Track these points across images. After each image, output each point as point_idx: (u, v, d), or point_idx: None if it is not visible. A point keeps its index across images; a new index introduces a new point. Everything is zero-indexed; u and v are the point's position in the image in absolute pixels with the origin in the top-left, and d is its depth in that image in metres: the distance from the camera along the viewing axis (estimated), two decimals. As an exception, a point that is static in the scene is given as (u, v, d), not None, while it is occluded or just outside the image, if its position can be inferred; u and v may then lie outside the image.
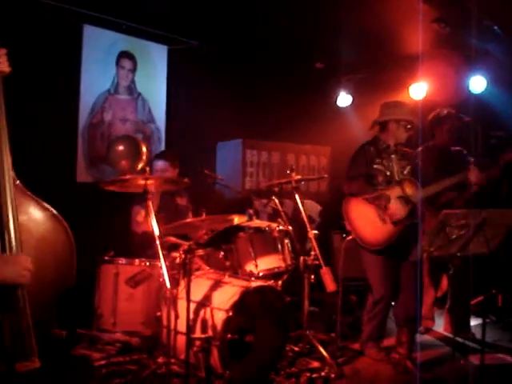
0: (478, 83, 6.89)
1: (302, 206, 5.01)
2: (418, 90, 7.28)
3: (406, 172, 4.88)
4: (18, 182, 2.56)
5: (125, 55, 6.44)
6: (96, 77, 6.17)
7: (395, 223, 4.63)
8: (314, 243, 4.80)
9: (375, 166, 4.84)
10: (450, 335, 5.36)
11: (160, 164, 5.22)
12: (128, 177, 4.26)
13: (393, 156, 4.90)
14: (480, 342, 3.95)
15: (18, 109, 5.22)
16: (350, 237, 5.03)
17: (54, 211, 2.61)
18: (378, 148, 4.90)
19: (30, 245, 2.47)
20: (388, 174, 4.83)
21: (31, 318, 2.33)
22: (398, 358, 4.74)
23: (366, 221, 4.82)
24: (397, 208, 4.65)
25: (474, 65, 6.59)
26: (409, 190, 4.72)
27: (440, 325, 5.76)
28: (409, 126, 4.88)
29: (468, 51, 6.26)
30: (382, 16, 5.95)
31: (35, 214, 2.58)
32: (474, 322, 5.55)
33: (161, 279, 4.16)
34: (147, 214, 4.01)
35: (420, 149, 5.41)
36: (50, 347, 2.63)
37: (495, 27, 5.88)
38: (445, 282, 5.86)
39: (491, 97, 6.77)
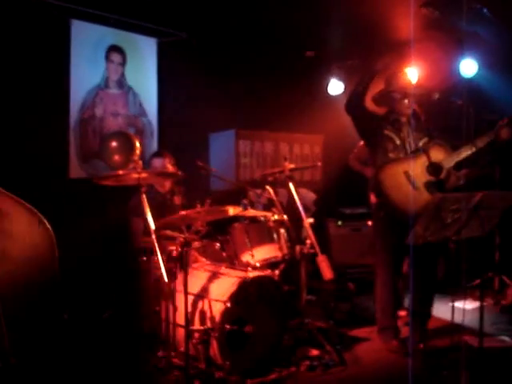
0: (469, 67, 6.88)
1: (297, 194, 5.01)
2: (410, 76, 7.26)
3: (421, 143, 4.76)
4: None
5: (114, 49, 6.41)
6: (86, 72, 6.14)
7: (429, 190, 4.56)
8: (310, 232, 4.81)
9: (386, 132, 4.75)
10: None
11: (158, 162, 5.20)
12: (122, 172, 4.26)
13: (404, 127, 4.80)
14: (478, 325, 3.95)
15: (8, 106, 5.23)
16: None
17: (34, 209, 2.59)
18: (389, 118, 4.84)
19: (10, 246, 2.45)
20: (398, 142, 4.74)
21: (12, 317, 2.30)
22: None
23: (399, 189, 4.60)
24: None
25: (464, 48, 6.58)
26: (439, 155, 4.64)
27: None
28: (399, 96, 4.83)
29: (458, 35, 6.26)
30: (372, 2, 5.93)
31: (14, 213, 2.54)
32: (471, 305, 5.58)
33: (158, 273, 4.17)
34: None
35: None
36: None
37: (484, 10, 5.87)
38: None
39: (483, 80, 6.76)
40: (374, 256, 5.02)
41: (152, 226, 3.97)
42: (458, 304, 5.01)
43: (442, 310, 5.52)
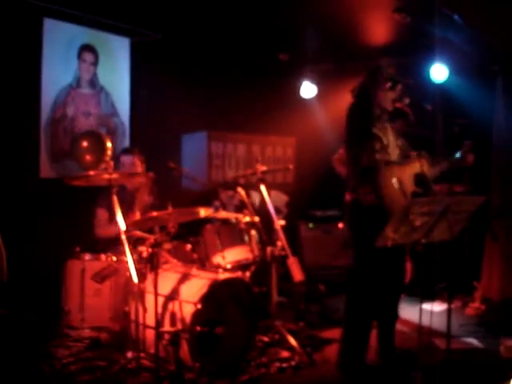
0: (439, 72, 6.96)
1: (269, 196, 5.03)
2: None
3: (400, 144, 4.55)
4: None
5: (86, 48, 6.36)
6: (57, 71, 6.08)
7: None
8: (281, 234, 4.83)
9: (374, 131, 4.38)
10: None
11: (127, 159, 5.20)
12: (93, 172, 4.26)
13: (386, 124, 4.52)
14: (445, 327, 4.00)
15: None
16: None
17: None
18: (374, 113, 4.45)
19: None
20: (385, 142, 4.42)
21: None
22: None
23: (392, 194, 4.30)
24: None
25: (435, 54, 6.65)
26: (426, 167, 4.43)
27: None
28: (388, 85, 4.45)
29: (429, 40, 6.33)
30: (346, 6, 5.98)
31: None
32: (439, 307, 5.65)
33: (128, 274, 4.15)
34: (110, 217, 4.00)
35: None
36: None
37: (455, 16, 5.95)
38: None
39: (453, 85, 6.84)
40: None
41: (122, 226, 3.97)
42: (426, 306, 5.07)
43: (410, 312, 5.58)
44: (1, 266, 2.58)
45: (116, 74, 6.66)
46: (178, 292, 4.21)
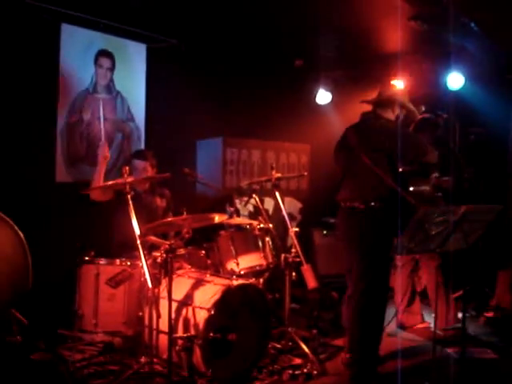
0: (455, 80, 6.94)
1: (283, 203, 5.03)
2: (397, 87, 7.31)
3: None
4: None
5: (103, 54, 6.39)
6: (74, 76, 6.12)
7: None
8: (295, 240, 4.82)
9: None
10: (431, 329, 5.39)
11: (140, 164, 5.22)
12: (110, 183, 4.31)
13: None
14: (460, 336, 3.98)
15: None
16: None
17: (1, 214, 2.54)
18: None
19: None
20: None
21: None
22: None
23: None
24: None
25: (451, 62, 6.64)
26: None
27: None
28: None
29: (445, 48, 6.31)
30: (361, 13, 5.98)
31: None
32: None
33: (142, 279, 4.17)
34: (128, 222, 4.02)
35: None
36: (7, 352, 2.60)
37: (472, 24, 5.93)
38: (425, 277, 5.89)
39: (469, 94, 6.82)
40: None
41: (137, 231, 3.99)
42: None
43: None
44: (27, 275, 2.58)
45: (132, 80, 6.69)
46: (191, 298, 4.22)
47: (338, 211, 4.49)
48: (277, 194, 5.04)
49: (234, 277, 4.58)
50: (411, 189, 4.47)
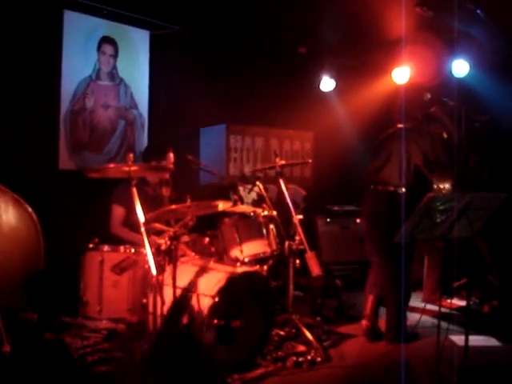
0: (460, 67, 6.90)
1: (287, 191, 5.02)
2: (401, 74, 7.28)
3: None
4: None
5: (106, 41, 6.37)
6: (77, 63, 6.10)
7: None
8: (299, 228, 4.81)
9: None
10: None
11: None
12: (112, 165, 4.28)
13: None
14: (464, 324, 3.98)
15: (-1, 96, 5.20)
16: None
17: (16, 196, 2.54)
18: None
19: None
20: None
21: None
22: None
23: None
24: None
25: (456, 49, 6.60)
26: None
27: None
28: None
29: (451, 35, 6.26)
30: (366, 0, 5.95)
31: None
32: (457, 304, 5.61)
33: (146, 266, 4.16)
34: (127, 215, 3.99)
35: None
36: (22, 331, 2.61)
37: (478, 11, 5.88)
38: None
39: (474, 81, 6.78)
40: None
41: (141, 218, 3.97)
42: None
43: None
44: (40, 255, 2.58)
45: (135, 67, 6.67)
46: (195, 285, 4.21)
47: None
48: (280, 181, 5.03)
49: (238, 264, 4.57)
50: (434, 186, 4.61)
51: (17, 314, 2.55)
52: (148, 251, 3.89)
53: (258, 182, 5.27)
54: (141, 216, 3.96)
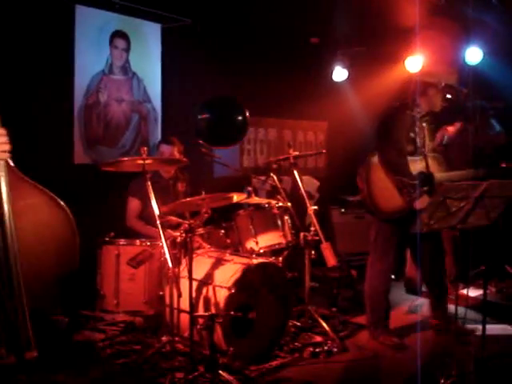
0: (474, 54, 6.85)
1: (301, 182, 5.01)
2: (414, 63, 7.23)
3: (436, 144, 4.81)
4: (12, 165, 2.48)
5: (118, 35, 6.38)
6: (90, 57, 6.11)
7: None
8: (314, 219, 4.82)
9: (411, 134, 4.61)
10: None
11: (167, 149, 5.23)
12: (126, 158, 4.30)
13: (424, 125, 4.68)
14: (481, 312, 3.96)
15: (13, 92, 5.22)
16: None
17: (52, 194, 2.56)
18: (414, 114, 4.65)
19: (28, 231, 2.42)
20: (418, 144, 4.62)
21: (32, 305, 2.27)
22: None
23: (385, 188, 4.63)
24: (423, 201, 4.38)
25: (470, 36, 6.54)
26: (433, 168, 4.61)
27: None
28: (448, 96, 4.70)
29: (464, 22, 6.22)
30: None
31: (32, 199, 2.50)
32: (474, 293, 5.59)
33: (162, 258, 4.19)
34: (143, 208, 4.00)
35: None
36: (53, 333, 2.63)
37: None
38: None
39: (488, 68, 6.73)
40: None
41: (156, 211, 4.00)
42: (462, 292, 5.03)
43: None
44: (75, 255, 2.59)
45: (148, 60, 6.68)
46: (211, 277, 4.24)
47: None
48: (295, 172, 5.03)
49: (254, 255, 4.59)
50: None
51: (48, 317, 2.56)
52: (164, 244, 3.91)
53: (271, 174, 5.27)
54: (156, 209, 3.99)
